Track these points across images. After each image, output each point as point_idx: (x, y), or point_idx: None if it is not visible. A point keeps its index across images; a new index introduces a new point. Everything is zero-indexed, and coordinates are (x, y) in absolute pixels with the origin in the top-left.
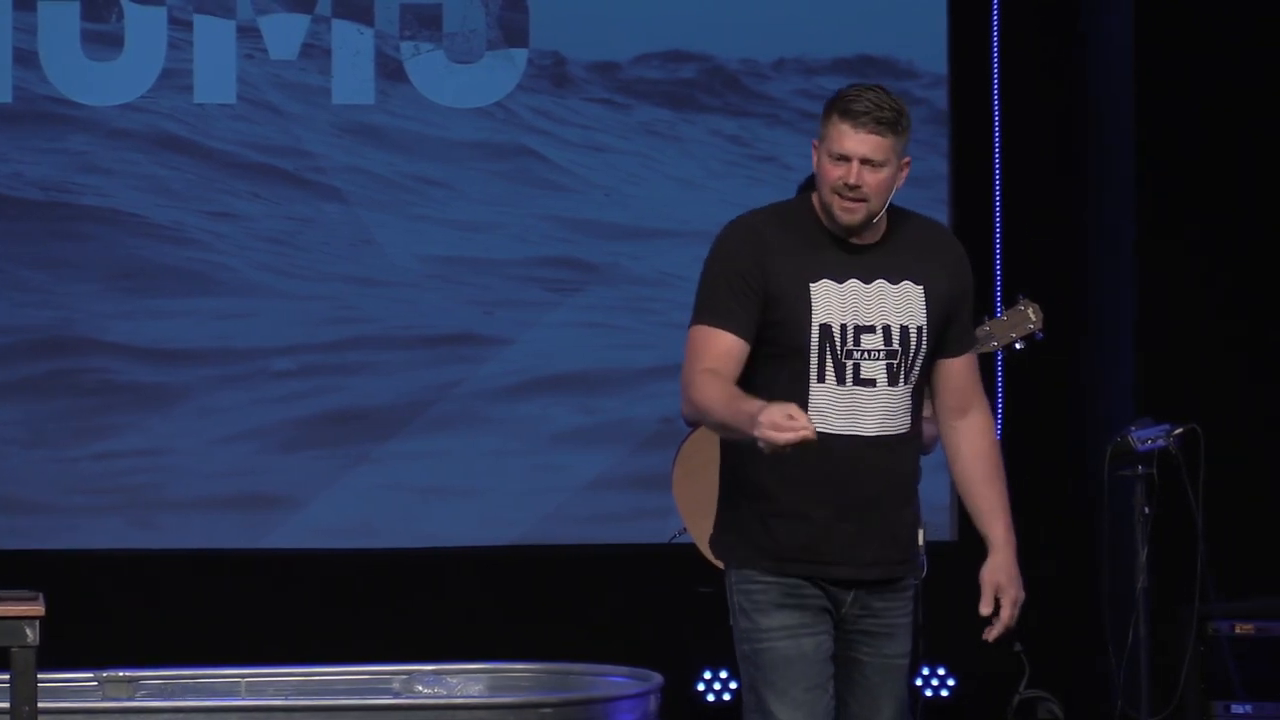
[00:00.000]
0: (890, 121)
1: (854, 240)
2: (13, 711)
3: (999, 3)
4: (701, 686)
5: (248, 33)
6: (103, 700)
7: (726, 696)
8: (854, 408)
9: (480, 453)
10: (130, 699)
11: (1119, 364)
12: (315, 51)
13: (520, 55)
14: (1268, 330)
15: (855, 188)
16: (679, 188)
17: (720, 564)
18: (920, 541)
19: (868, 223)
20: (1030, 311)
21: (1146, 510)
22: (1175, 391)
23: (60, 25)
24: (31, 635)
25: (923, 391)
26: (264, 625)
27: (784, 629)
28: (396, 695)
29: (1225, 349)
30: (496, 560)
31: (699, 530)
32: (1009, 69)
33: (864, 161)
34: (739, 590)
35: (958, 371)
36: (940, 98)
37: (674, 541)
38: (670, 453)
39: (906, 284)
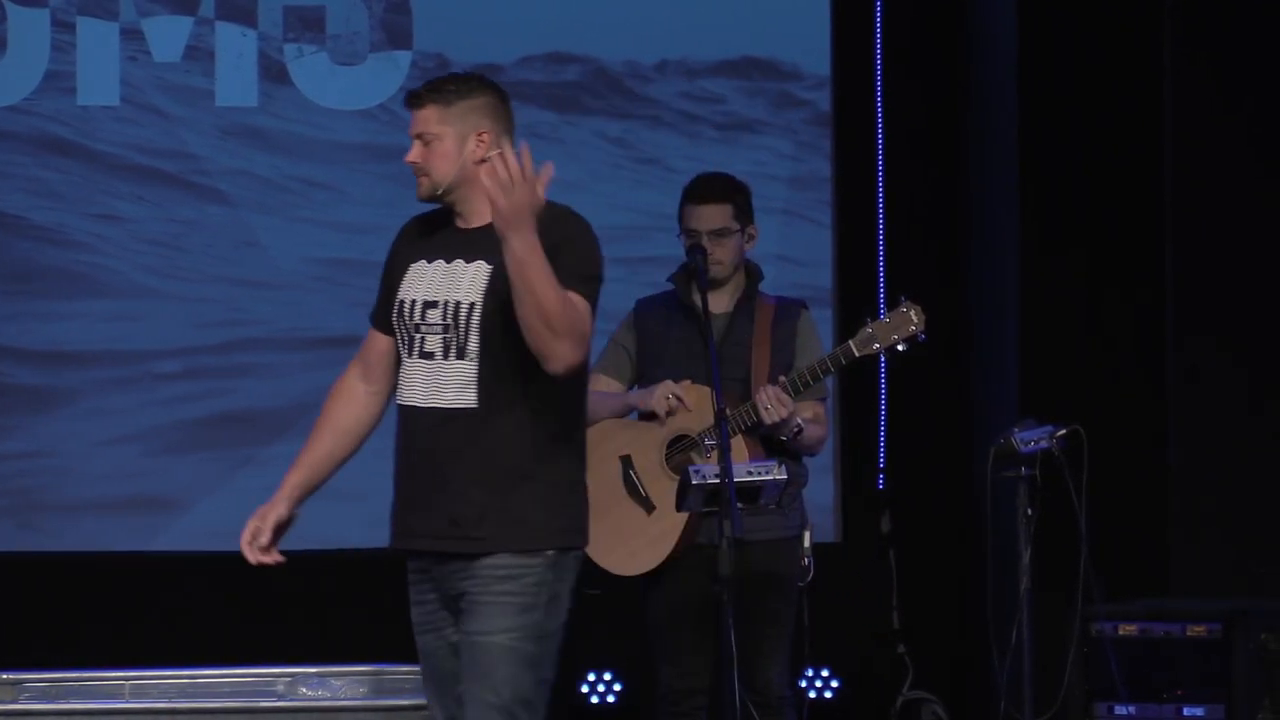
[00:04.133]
0: (422, 95)
1: (460, 225)
2: None
3: (881, 4)
4: (585, 688)
5: (131, 35)
6: None
7: (611, 698)
8: (417, 381)
9: (368, 454)
10: (14, 701)
11: (1002, 365)
12: (199, 54)
13: (404, 57)
14: (1149, 331)
15: (413, 164)
16: (563, 190)
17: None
18: (807, 544)
19: (436, 194)
20: (913, 313)
21: (1030, 511)
22: (1058, 393)
23: None
24: None
25: (513, 370)
26: (149, 628)
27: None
28: (281, 697)
29: (1107, 350)
30: (381, 563)
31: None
32: (891, 71)
33: (416, 138)
34: None
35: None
36: (824, 99)
37: None
38: None
39: (480, 262)
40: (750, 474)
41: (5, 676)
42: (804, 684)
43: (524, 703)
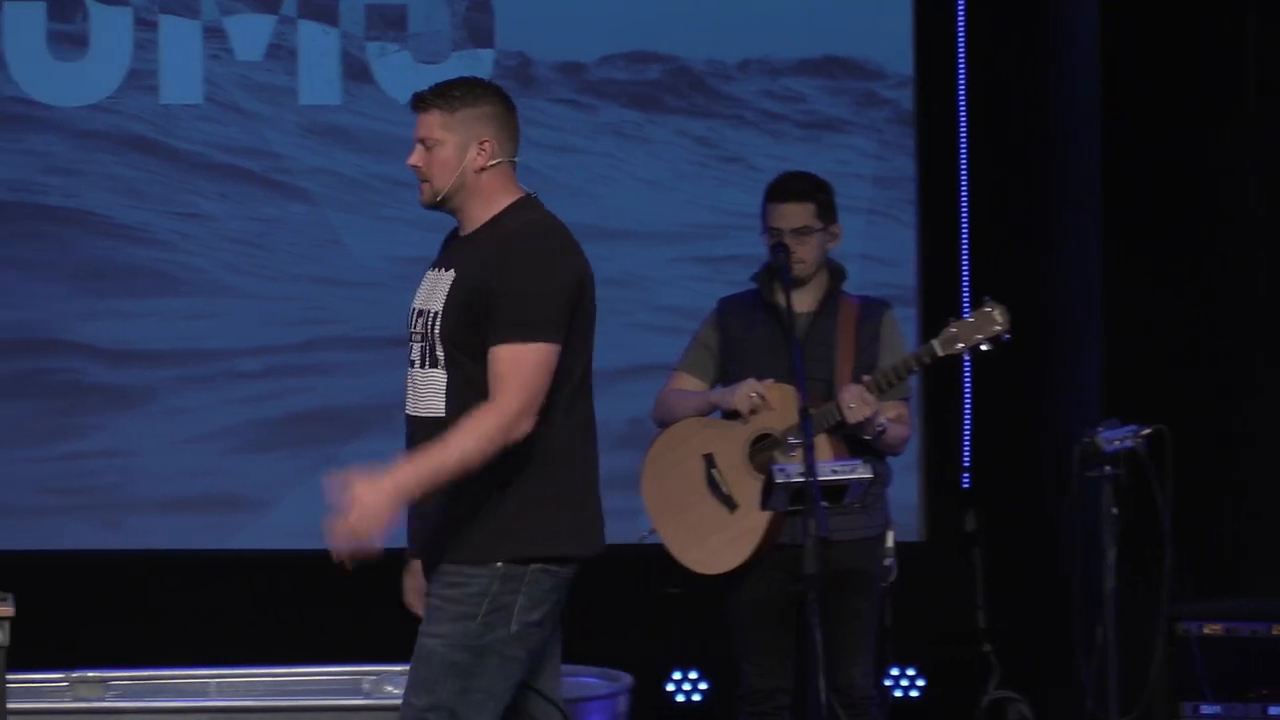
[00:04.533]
0: (426, 99)
1: (460, 232)
2: None
3: (965, 3)
4: (671, 687)
5: (213, 33)
6: (73, 701)
7: (696, 697)
8: (408, 387)
9: None
10: (101, 699)
11: (1086, 365)
12: (281, 52)
13: (486, 56)
14: (1233, 330)
15: (415, 168)
16: (646, 189)
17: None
18: (890, 543)
19: (436, 201)
20: (996, 313)
21: (1114, 511)
22: (1142, 392)
23: (26, 25)
24: (1, 636)
25: (480, 379)
26: (233, 626)
27: None
28: (366, 695)
29: (1191, 349)
30: None
31: (669, 530)
32: (975, 69)
33: (420, 141)
34: None
35: (490, 363)
36: (906, 98)
37: (643, 541)
38: (638, 453)
39: (450, 271)
40: (835, 473)
41: (91, 674)
42: (889, 683)
43: (444, 710)
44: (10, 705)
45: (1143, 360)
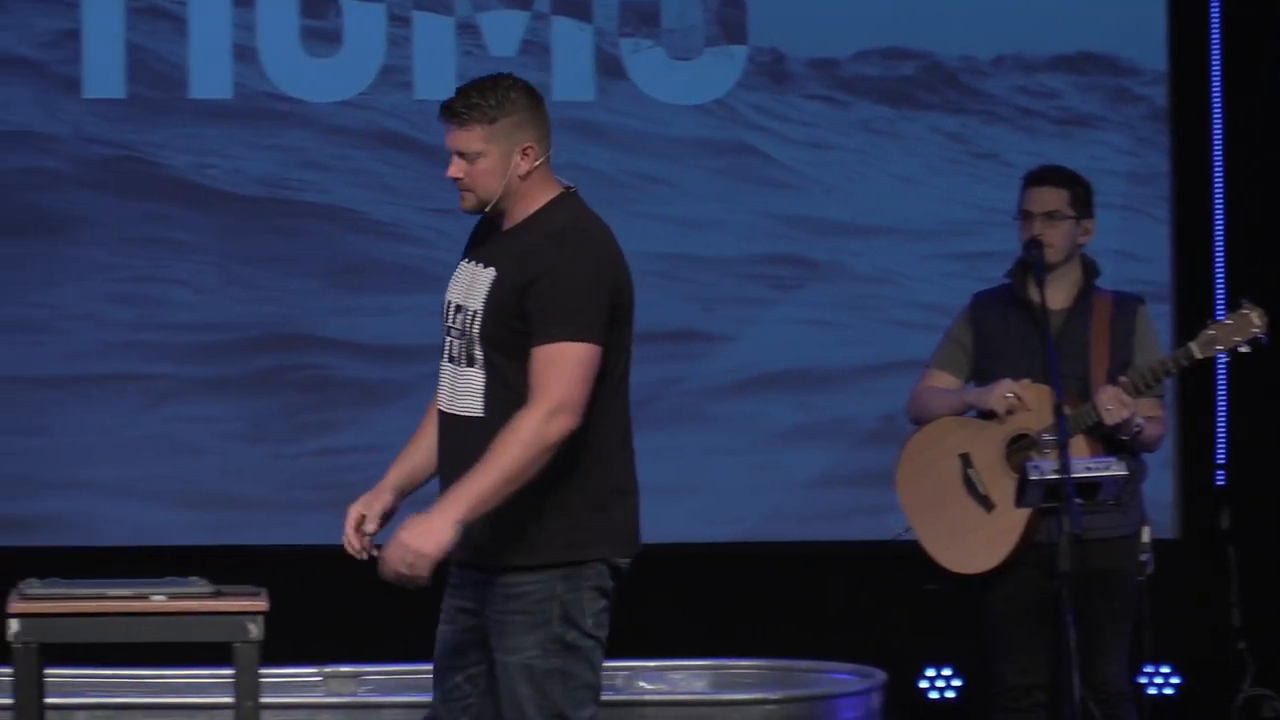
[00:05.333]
0: (464, 113)
1: (501, 228)
2: (237, 706)
3: None
4: (924, 684)
5: (467, 29)
6: (326, 695)
7: (950, 694)
8: (444, 384)
9: (701, 450)
10: (354, 694)
11: None
12: (534, 48)
13: (740, 52)
14: None
15: (456, 180)
16: (900, 185)
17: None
18: (1146, 539)
19: (482, 209)
20: (1254, 315)
21: None
22: None
23: (279, 22)
24: (255, 630)
25: (517, 380)
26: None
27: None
28: (620, 691)
29: None
30: (718, 557)
31: (925, 528)
32: (1230, 65)
33: (459, 154)
34: None
35: (530, 367)
36: (1160, 95)
37: (897, 539)
38: (890, 450)
39: (491, 269)
40: (1089, 470)
41: (344, 669)
42: (1144, 681)
43: (560, 718)
44: (264, 700)
45: None
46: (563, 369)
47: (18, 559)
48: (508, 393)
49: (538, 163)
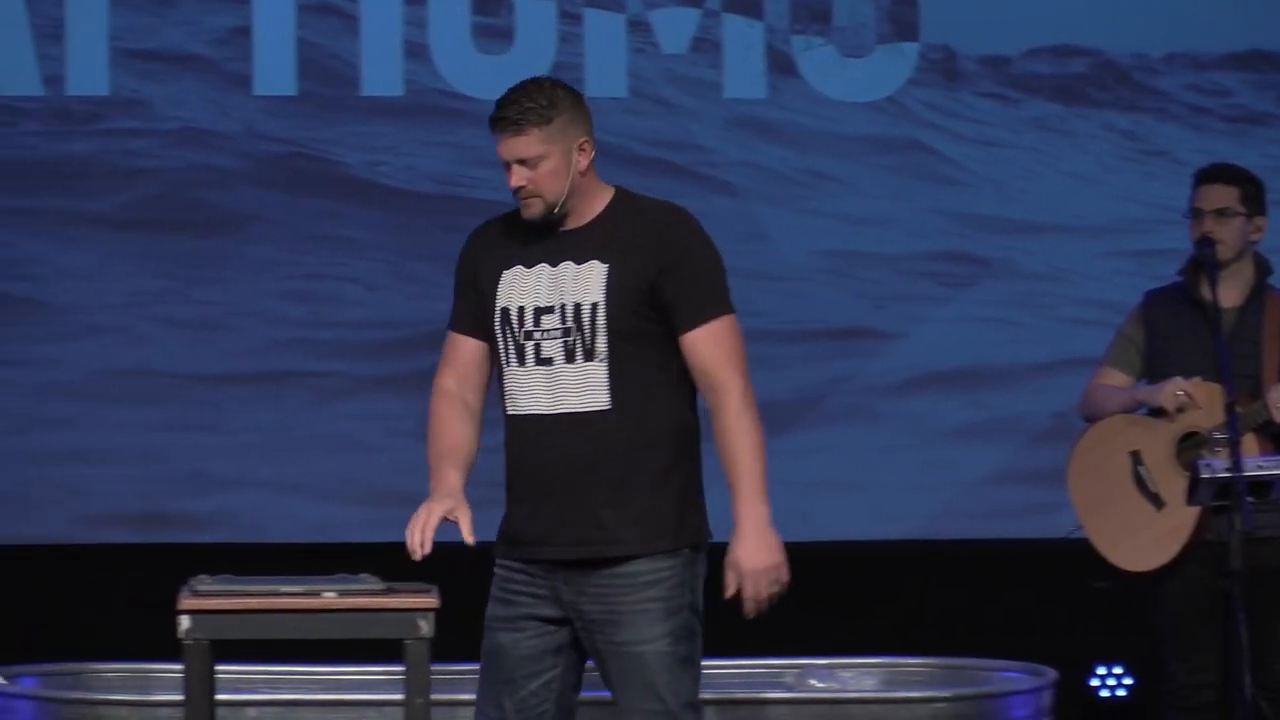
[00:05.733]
0: (519, 120)
1: (561, 228)
2: (406, 703)
3: None
4: (1095, 682)
5: (638, 27)
6: None
7: (1121, 692)
8: (536, 388)
9: (872, 447)
10: None
11: None
12: (706, 45)
13: (910, 49)
14: None
15: (520, 188)
16: (1072, 183)
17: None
18: None
19: (550, 212)
20: None
21: None
22: None
23: (451, 18)
24: (426, 627)
25: (639, 368)
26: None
27: (494, 619)
28: (790, 689)
29: None
30: (888, 555)
31: (1095, 526)
32: None
33: (519, 162)
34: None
35: (690, 350)
36: None
37: (1068, 537)
38: (1062, 448)
39: (593, 263)
40: (1260, 468)
41: None
42: None
43: (690, 705)
44: (434, 697)
45: None
46: (731, 343)
47: (189, 555)
48: (632, 382)
49: (592, 156)
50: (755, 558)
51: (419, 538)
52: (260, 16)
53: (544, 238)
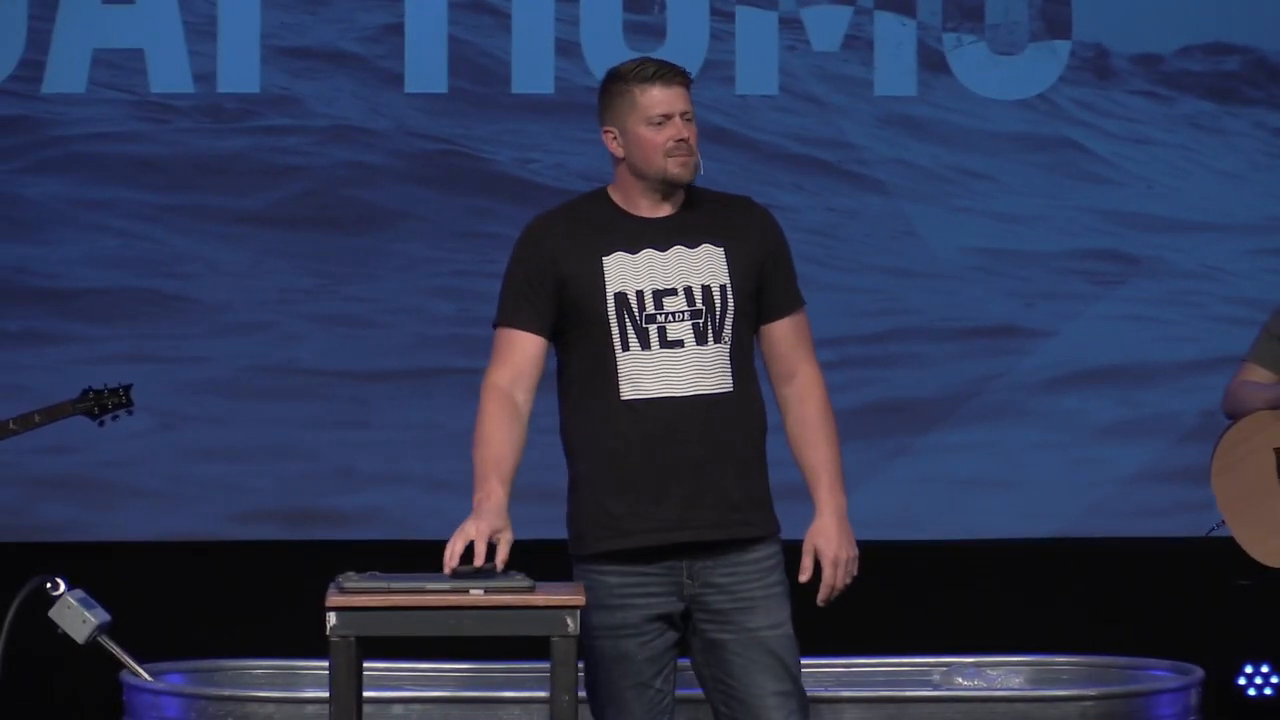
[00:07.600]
0: (681, 75)
1: (646, 216)
2: (552, 700)
3: None
4: (1243, 681)
5: (790, 24)
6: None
7: (1268, 691)
8: (665, 371)
9: (1021, 445)
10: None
11: None
12: (857, 43)
13: (1063, 47)
14: None
15: (683, 140)
16: (1223, 181)
17: None
18: None
19: (696, 175)
20: None
21: None
22: None
23: (603, 16)
24: (573, 625)
25: (747, 349)
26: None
27: (604, 628)
28: (936, 687)
29: None
30: (1038, 552)
31: (1239, 523)
32: None
33: (681, 116)
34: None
35: (779, 337)
36: None
37: (1212, 534)
38: (1210, 446)
39: (706, 245)
40: None
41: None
42: None
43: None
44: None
45: None
46: (810, 334)
47: (337, 552)
48: (744, 364)
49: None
50: (840, 547)
51: (457, 562)
52: (412, 14)
53: (630, 225)
